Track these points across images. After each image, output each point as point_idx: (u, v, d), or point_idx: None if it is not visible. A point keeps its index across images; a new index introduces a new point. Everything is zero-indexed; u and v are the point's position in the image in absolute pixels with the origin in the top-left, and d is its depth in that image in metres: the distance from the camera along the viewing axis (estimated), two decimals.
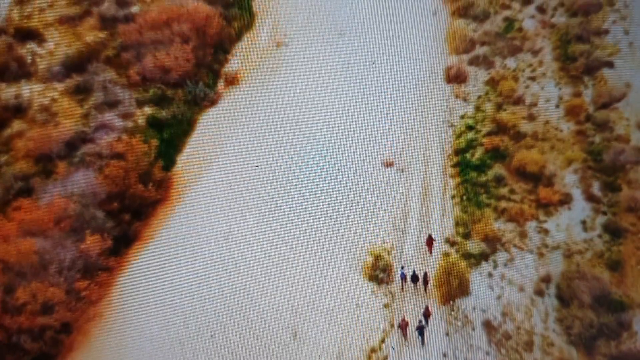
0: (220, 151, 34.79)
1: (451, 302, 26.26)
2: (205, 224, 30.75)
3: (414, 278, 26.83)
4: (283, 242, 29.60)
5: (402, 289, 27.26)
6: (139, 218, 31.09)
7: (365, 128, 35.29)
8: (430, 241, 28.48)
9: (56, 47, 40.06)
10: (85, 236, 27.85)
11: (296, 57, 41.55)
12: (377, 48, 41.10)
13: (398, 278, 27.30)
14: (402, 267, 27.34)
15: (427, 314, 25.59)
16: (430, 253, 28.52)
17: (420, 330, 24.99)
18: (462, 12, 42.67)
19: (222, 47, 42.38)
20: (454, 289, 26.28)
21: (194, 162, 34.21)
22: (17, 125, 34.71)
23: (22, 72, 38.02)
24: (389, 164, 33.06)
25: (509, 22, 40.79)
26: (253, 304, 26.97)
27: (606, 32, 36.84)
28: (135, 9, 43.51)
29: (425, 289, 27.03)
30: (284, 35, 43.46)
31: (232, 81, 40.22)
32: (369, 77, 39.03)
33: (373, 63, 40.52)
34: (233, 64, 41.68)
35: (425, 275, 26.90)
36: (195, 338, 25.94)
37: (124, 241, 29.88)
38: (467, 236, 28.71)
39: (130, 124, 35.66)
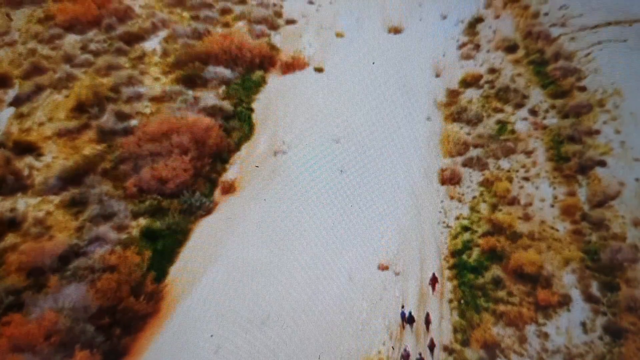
0: (213, 262, 36.92)
1: None
2: (195, 337, 32.23)
3: (410, 319, 30.76)
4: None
5: (403, 327, 31.12)
6: (129, 332, 32.56)
7: (360, 231, 37.79)
8: (434, 281, 32.89)
9: (54, 160, 42.69)
10: (75, 352, 29.30)
11: (293, 164, 44.91)
12: (372, 152, 44.71)
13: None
14: (402, 307, 31.71)
15: (431, 346, 29.34)
16: (433, 292, 32.90)
17: None
18: (456, 117, 46.99)
19: (220, 157, 45.52)
20: None
21: (186, 274, 36.21)
22: (10, 238, 36.79)
23: (19, 185, 40.41)
24: (384, 268, 35.08)
25: (502, 124, 44.67)
26: None
27: (597, 132, 40.17)
28: (134, 121, 46.82)
29: (427, 329, 30.73)
30: (282, 143, 47.07)
31: (229, 190, 42.99)
32: (364, 180, 42.22)
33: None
34: (231, 173, 44.72)
35: (427, 315, 30.92)
36: None
37: (113, 356, 31.18)
38: (465, 343, 30.03)
39: (124, 236, 37.87)
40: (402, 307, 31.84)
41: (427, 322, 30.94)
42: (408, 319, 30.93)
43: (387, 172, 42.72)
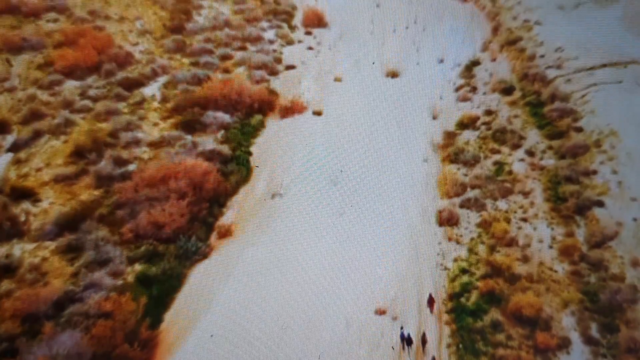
0: (208, 308, 37.14)
1: None
2: None
3: (409, 341, 31.53)
4: None
5: (403, 349, 31.73)
6: None
7: (358, 275, 38.16)
8: (431, 301, 33.82)
9: (50, 206, 43.16)
10: None
11: (290, 207, 45.63)
12: (370, 194, 45.53)
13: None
14: (402, 328, 32.51)
15: None
16: (432, 312, 33.69)
17: None
18: (453, 158, 47.98)
19: (217, 200, 46.02)
20: None
21: (182, 320, 36.40)
22: (5, 285, 37.00)
23: (15, 231, 40.71)
24: (381, 312, 35.28)
25: (499, 165, 45.59)
26: None
27: (594, 172, 40.99)
28: (132, 167, 47.53)
29: (424, 349, 31.32)
30: (279, 186, 47.92)
31: (225, 234, 43.38)
32: (362, 223, 42.90)
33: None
34: (228, 217, 45.29)
35: (424, 335, 31.62)
36: None
37: None
38: None
39: (119, 282, 38.21)
40: (402, 328, 32.61)
41: (424, 342, 31.72)
42: (407, 340, 31.76)
43: (385, 213, 43.47)
